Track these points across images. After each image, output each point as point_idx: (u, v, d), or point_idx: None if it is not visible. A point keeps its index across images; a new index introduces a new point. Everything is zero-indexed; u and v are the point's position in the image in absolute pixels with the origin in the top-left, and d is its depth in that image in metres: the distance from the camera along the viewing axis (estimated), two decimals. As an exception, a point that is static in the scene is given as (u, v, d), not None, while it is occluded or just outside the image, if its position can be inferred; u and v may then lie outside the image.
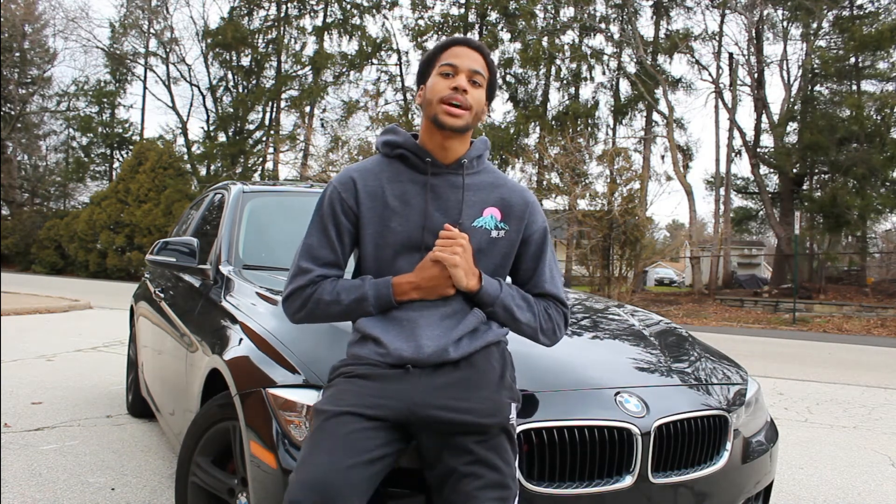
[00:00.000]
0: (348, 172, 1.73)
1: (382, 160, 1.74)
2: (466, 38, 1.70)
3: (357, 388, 1.56)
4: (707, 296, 21.38)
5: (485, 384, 1.59)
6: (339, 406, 1.52)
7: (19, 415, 4.23)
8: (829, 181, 23.48)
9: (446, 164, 1.69)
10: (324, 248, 1.69)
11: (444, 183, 1.69)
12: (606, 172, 20.27)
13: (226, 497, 2.02)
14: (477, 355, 1.62)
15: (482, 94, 1.69)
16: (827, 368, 8.25)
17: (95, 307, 12.44)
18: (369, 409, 1.52)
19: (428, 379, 1.57)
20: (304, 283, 1.68)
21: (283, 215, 3.38)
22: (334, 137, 26.56)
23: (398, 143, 1.72)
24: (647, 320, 2.75)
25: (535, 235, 1.77)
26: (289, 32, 31.95)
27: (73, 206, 36.16)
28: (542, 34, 26.91)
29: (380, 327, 1.63)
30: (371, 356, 1.60)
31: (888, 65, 21.72)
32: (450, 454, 1.52)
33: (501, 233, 1.71)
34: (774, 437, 2.33)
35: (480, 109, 1.68)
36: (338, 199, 1.69)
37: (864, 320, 16.62)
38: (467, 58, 1.66)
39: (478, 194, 1.71)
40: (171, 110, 34.17)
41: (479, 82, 1.67)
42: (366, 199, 1.68)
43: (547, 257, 1.79)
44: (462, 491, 1.48)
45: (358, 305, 1.64)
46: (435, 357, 1.57)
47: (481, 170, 1.76)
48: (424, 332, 1.60)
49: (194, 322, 2.74)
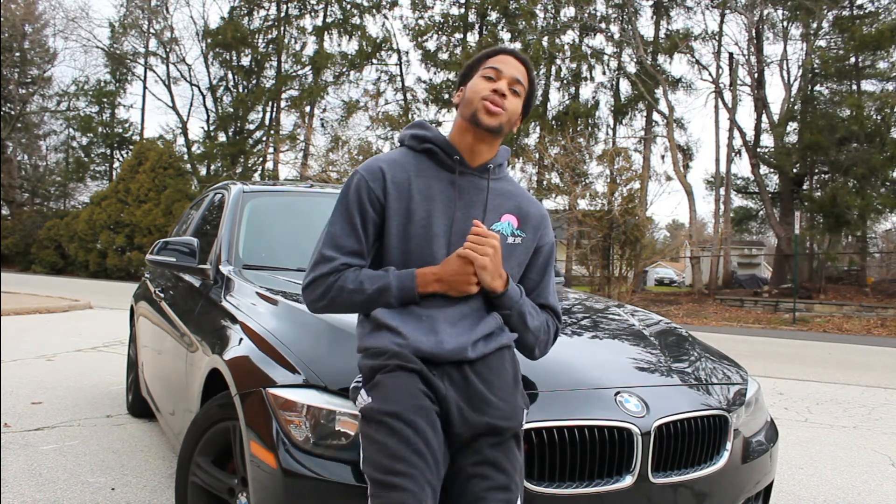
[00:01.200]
0: (376, 162, 1.72)
1: (408, 153, 1.74)
2: (514, 50, 1.75)
3: (406, 382, 1.52)
4: (707, 296, 21.38)
5: (501, 386, 1.59)
6: (400, 405, 1.48)
7: (19, 415, 4.23)
8: (829, 181, 23.47)
9: (473, 166, 1.70)
10: (348, 236, 1.67)
11: (468, 184, 1.70)
12: (606, 172, 20.29)
13: (226, 497, 2.02)
14: (492, 357, 1.63)
15: (519, 104, 1.71)
16: (827, 368, 8.25)
17: (95, 307, 12.44)
18: (428, 403, 1.51)
19: (448, 377, 1.57)
20: (328, 271, 1.66)
21: (283, 215, 3.38)
22: (334, 137, 26.57)
23: (428, 137, 1.72)
24: (647, 320, 2.75)
25: (545, 248, 1.80)
26: (289, 32, 31.96)
27: (73, 206, 36.15)
28: (542, 34, 26.92)
29: (398, 319, 1.62)
30: (390, 346, 1.58)
31: (888, 64, 21.72)
32: (460, 454, 1.53)
33: (518, 240, 1.73)
34: (774, 437, 2.33)
35: (514, 118, 1.71)
36: (365, 188, 1.68)
37: (864, 320, 16.62)
38: (512, 66, 1.70)
39: (498, 199, 1.73)
40: (171, 110, 34.21)
41: (518, 91, 1.70)
42: (393, 191, 1.67)
43: (551, 270, 1.83)
44: (469, 492, 1.49)
45: (380, 295, 1.62)
46: (453, 354, 1.57)
47: (502, 177, 1.78)
48: (444, 329, 1.60)
49: (194, 322, 2.74)
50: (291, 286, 2.55)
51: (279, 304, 2.30)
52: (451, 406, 1.54)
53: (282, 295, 2.40)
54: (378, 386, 1.54)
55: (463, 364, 1.59)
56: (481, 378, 1.58)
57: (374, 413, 1.50)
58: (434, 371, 1.57)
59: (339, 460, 1.68)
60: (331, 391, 1.76)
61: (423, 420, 1.48)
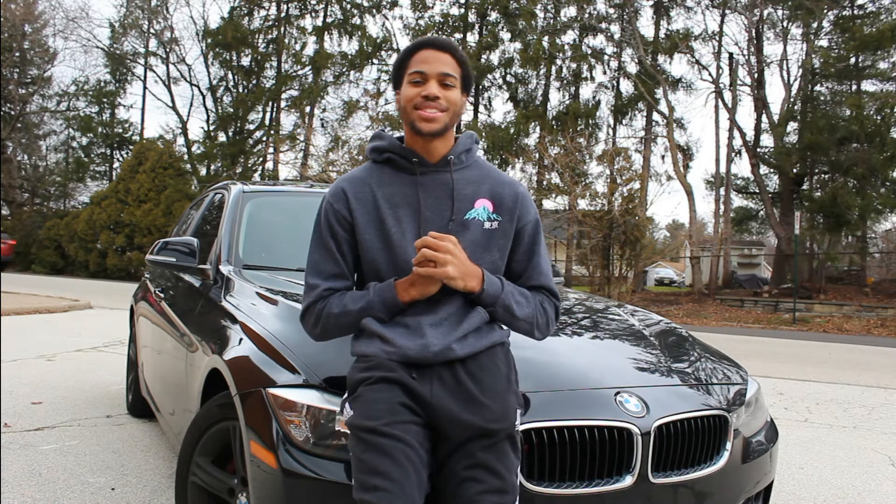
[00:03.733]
0: (338, 184, 1.75)
1: (372, 166, 1.75)
2: (432, 40, 1.68)
3: (386, 396, 1.54)
4: (707, 296, 21.37)
5: (493, 386, 1.58)
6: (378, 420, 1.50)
7: (19, 415, 4.23)
8: (829, 181, 23.46)
9: (433, 162, 1.70)
10: (326, 261, 1.70)
11: (433, 181, 1.69)
12: (606, 172, 20.26)
13: (226, 497, 2.02)
14: (483, 356, 1.62)
15: (456, 94, 1.67)
16: (827, 368, 8.25)
17: (95, 307, 12.44)
18: (407, 416, 1.52)
19: (439, 379, 1.57)
20: (314, 300, 1.69)
21: (283, 215, 3.38)
22: (334, 137, 26.58)
23: (385, 147, 1.73)
24: (647, 320, 2.75)
25: (527, 227, 1.76)
26: (289, 32, 31.94)
27: (73, 206, 36.12)
28: (542, 34, 26.90)
29: (386, 326, 1.62)
30: (378, 353, 1.59)
31: (888, 64, 21.72)
32: (453, 457, 1.53)
33: (495, 224, 1.71)
34: (774, 437, 2.33)
35: (458, 108, 1.68)
36: (332, 212, 1.71)
37: (864, 320, 16.62)
38: (436, 61, 1.65)
39: (468, 188, 1.71)
40: (171, 110, 34.16)
41: (451, 84, 1.66)
42: (358, 207, 1.69)
43: (540, 249, 1.78)
44: (462, 495, 1.49)
45: (365, 312, 1.64)
46: (441, 355, 1.57)
47: (470, 164, 1.76)
48: (429, 332, 1.59)
49: (194, 322, 2.74)
50: (291, 286, 2.56)
51: (279, 305, 2.30)
52: (441, 410, 1.54)
53: (282, 295, 2.40)
54: (359, 399, 1.56)
55: (454, 363, 1.58)
56: (473, 378, 1.57)
57: (353, 427, 1.53)
58: (424, 374, 1.57)
59: (338, 460, 1.69)
60: (331, 391, 1.76)
61: (400, 433, 1.49)
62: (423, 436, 1.53)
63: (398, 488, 1.43)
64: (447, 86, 1.65)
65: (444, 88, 1.64)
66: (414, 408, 1.54)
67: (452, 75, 1.66)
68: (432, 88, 1.63)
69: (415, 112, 1.63)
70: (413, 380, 1.56)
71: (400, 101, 1.69)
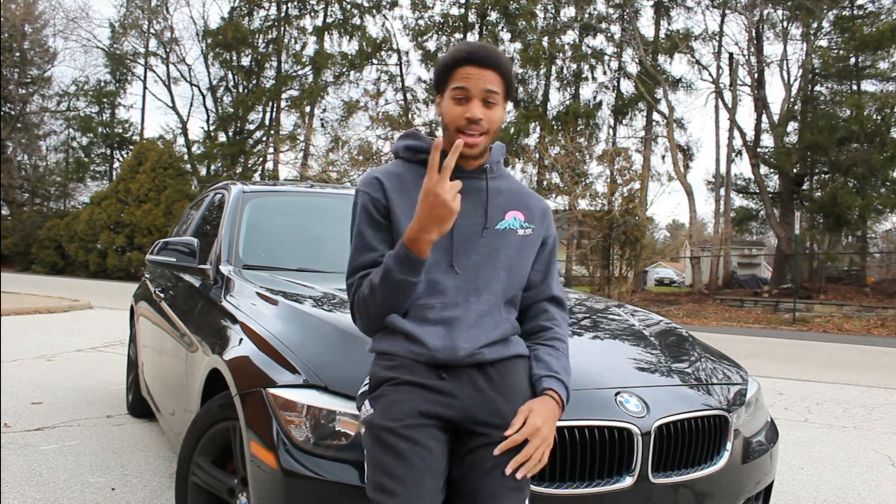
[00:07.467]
0: (371, 174, 1.71)
1: (404, 165, 1.73)
2: (475, 56, 1.61)
3: (409, 398, 1.53)
4: (707, 296, 21.38)
5: (516, 395, 1.59)
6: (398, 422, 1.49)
7: (19, 415, 4.23)
8: (829, 181, 23.47)
9: (468, 169, 1.69)
10: (367, 251, 1.65)
11: (467, 186, 1.66)
12: (607, 172, 20.29)
13: (226, 497, 2.02)
14: (508, 363, 1.63)
15: (499, 111, 1.64)
16: (827, 368, 8.26)
17: (95, 307, 12.44)
18: (427, 418, 1.52)
19: (468, 379, 1.56)
20: (353, 293, 1.65)
21: (283, 215, 3.38)
22: (334, 137, 26.61)
23: (422, 148, 1.71)
24: (647, 320, 2.75)
25: (549, 240, 1.79)
26: (289, 32, 31.97)
27: (73, 206, 36.15)
28: (542, 34, 26.91)
29: (415, 324, 1.60)
30: (403, 353, 1.57)
31: (888, 64, 21.74)
32: (480, 450, 1.53)
33: (528, 230, 1.71)
34: (774, 437, 2.33)
35: (498, 125, 1.66)
36: (369, 200, 1.66)
37: (864, 320, 16.63)
38: (480, 79, 1.59)
39: (499, 197, 1.71)
40: (171, 110, 34.20)
41: (494, 101, 1.61)
42: (394, 196, 1.66)
43: (555, 262, 1.83)
44: (487, 488, 1.50)
45: (388, 277, 1.56)
46: (470, 359, 1.56)
47: (500, 174, 1.76)
48: (460, 334, 1.58)
49: (194, 322, 2.74)
50: (291, 286, 2.56)
51: (279, 305, 2.30)
52: (468, 409, 1.54)
53: (282, 295, 2.40)
54: (381, 398, 1.55)
55: (484, 365, 1.59)
56: (498, 386, 1.58)
57: (373, 427, 1.52)
58: (453, 374, 1.56)
59: (339, 460, 1.69)
60: (331, 391, 1.76)
61: (420, 437, 1.49)
62: (443, 441, 1.53)
63: (413, 494, 1.44)
64: (490, 103, 1.61)
65: (487, 107, 1.61)
66: (437, 413, 1.53)
67: (496, 91, 1.61)
68: (475, 110, 1.59)
69: (457, 134, 1.61)
70: (442, 380, 1.55)
71: (441, 110, 1.66)
